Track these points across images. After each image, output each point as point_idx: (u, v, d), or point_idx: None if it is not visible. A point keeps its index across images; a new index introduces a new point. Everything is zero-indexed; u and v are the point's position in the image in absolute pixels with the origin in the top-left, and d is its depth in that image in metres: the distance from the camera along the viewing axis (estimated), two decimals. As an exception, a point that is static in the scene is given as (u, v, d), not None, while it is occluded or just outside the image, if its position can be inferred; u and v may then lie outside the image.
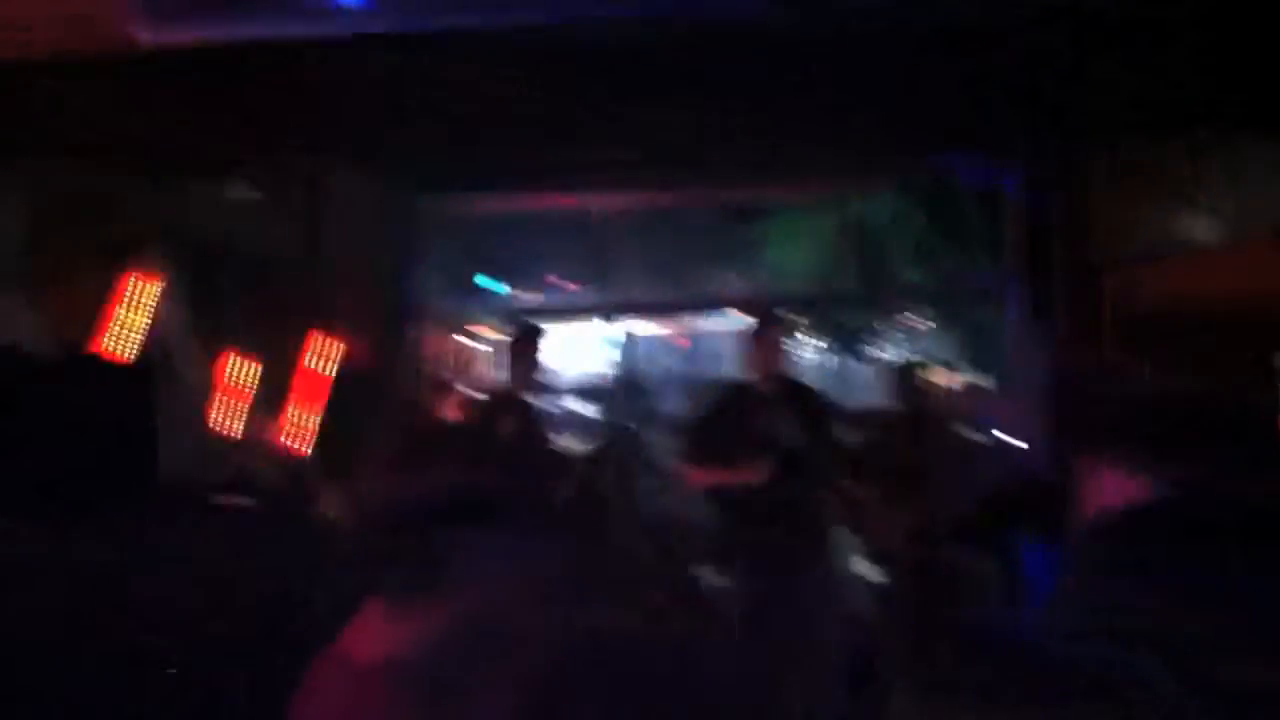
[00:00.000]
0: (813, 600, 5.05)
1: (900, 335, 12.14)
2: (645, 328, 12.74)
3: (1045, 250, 7.35)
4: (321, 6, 3.72)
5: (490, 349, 10.13)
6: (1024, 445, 6.66)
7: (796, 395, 5.32)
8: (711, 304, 12.34)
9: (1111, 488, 1.39)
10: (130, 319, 5.88)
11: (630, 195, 8.31)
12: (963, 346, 10.61)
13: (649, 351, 13.48)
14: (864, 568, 5.90)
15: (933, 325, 11.60)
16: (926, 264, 10.19)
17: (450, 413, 7.31)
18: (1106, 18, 5.12)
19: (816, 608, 5.05)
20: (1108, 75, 5.95)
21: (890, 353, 11.71)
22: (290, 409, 7.22)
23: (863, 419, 6.70)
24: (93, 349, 5.30)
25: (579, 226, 10.06)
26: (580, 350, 12.37)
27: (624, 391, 6.43)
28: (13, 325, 4.87)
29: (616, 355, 11.83)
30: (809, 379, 6.61)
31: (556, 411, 6.98)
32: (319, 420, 7.30)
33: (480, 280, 9.68)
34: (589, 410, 8.69)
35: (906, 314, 11.77)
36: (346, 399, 7.56)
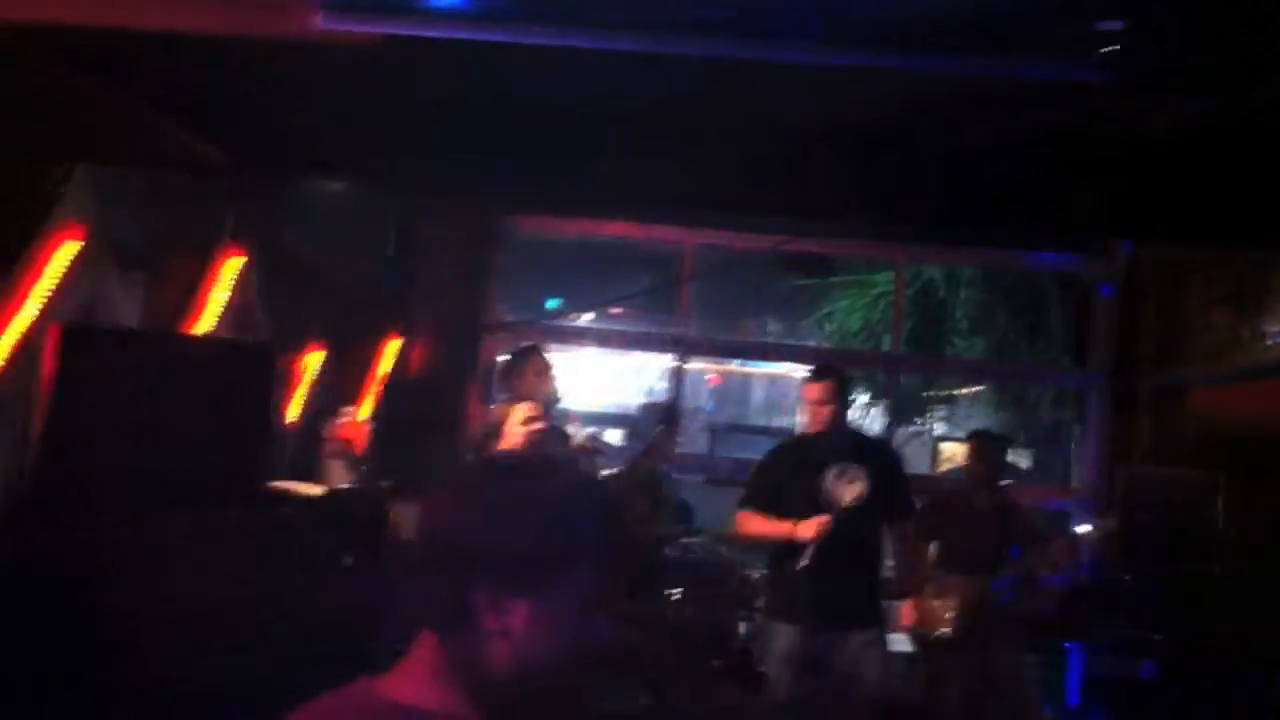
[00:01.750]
0: (859, 662, 5.01)
1: (955, 410, 12.13)
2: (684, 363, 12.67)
3: (1132, 360, 7.32)
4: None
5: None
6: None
7: (862, 452, 5.22)
8: (764, 350, 12.35)
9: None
10: (226, 303, 5.91)
11: (701, 233, 8.31)
12: (1023, 435, 10.58)
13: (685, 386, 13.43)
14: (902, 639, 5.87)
15: (992, 407, 11.57)
16: (992, 344, 10.23)
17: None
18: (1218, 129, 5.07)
19: (861, 671, 5.02)
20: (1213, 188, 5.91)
21: (943, 425, 11.70)
22: (359, 407, 7.26)
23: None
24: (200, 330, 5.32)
25: (645, 257, 10.07)
26: (617, 377, 12.36)
27: (655, 420, 6.36)
28: (131, 308, 4.89)
29: (655, 385, 11.82)
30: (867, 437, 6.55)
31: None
32: (384, 421, 7.33)
33: (550, 303, 9.70)
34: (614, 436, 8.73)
35: (964, 390, 11.75)
36: (411, 405, 7.62)
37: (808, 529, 4.92)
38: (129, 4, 3.70)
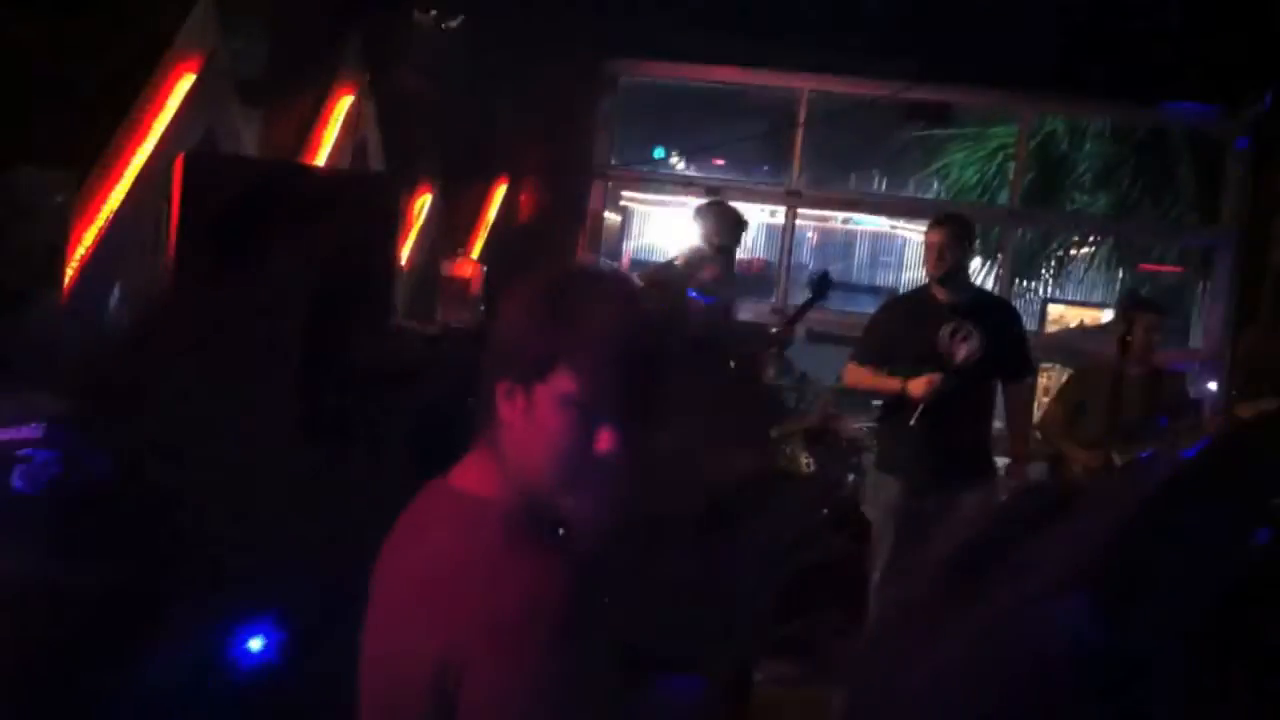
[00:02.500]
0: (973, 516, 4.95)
1: (1071, 271, 11.83)
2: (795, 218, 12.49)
3: (1266, 218, 7.01)
4: None
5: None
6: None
7: (980, 308, 5.08)
8: (878, 205, 12.08)
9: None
10: (338, 140, 5.91)
11: (815, 80, 8.05)
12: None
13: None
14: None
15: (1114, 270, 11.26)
16: (1115, 201, 9.89)
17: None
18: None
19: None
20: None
21: (1056, 288, 11.43)
22: (471, 251, 7.29)
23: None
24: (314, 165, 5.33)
25: (756, 105, 9.83)
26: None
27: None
28: (249, 141, 4.90)
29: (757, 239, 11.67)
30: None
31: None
32: (493, 266, 7.35)
33: (657, 152, 9.54)
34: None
35: (1083, 250, 11.43)
36: (519, 251, 7.62)
37: (918, 386, 4.85)
38: None
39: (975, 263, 11.33)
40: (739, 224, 5.60)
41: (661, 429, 1.54)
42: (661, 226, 13.53)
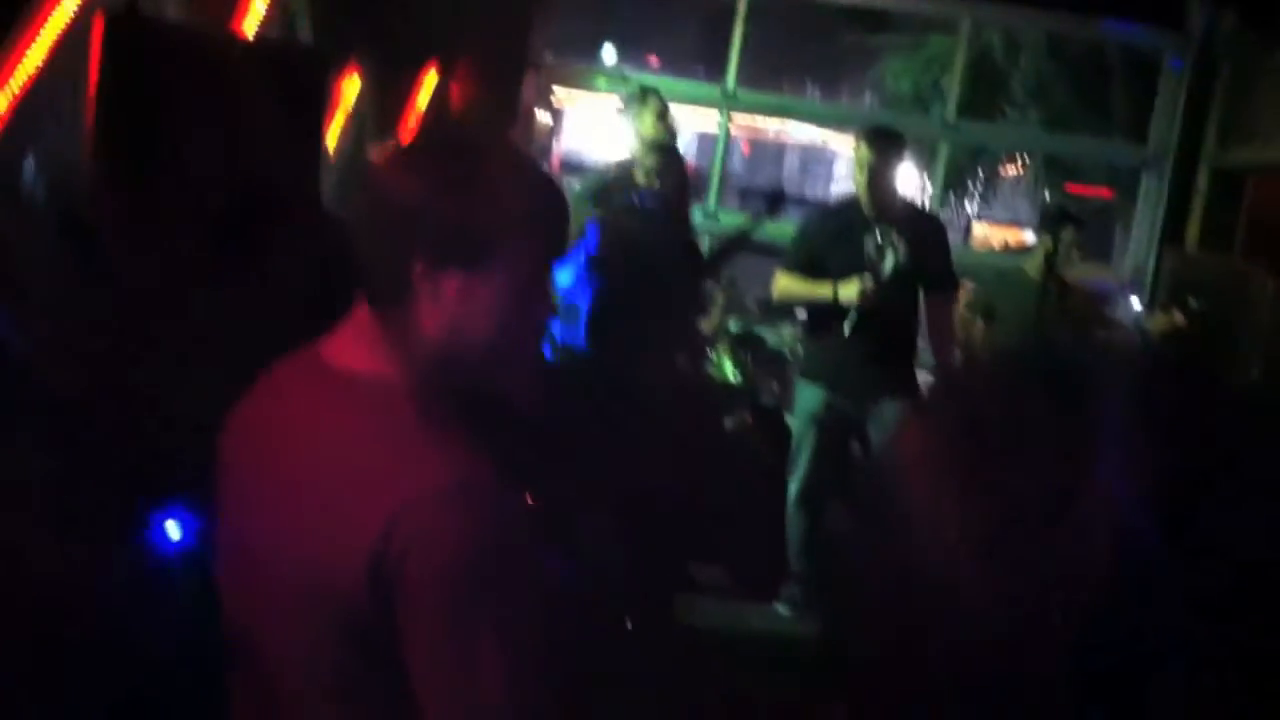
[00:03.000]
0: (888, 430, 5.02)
1: (998, 190, 11.90)
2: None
3: (1195, 141, 7.07)
4: None
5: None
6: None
7: (907, 219, 5.08)
8: (815, 113, 11.98)
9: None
10: (266, 11, 5.67)
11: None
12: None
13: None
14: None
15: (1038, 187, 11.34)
16: (1049, 118, 9.90)
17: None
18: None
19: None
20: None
21: (989, 204, 11.49)
22: (394, 140, 7.09)
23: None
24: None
25: (695, 9, 9.68)
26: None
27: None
28: (172, 5, 4.67)
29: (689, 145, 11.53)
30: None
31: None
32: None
33: (605, 48, 9.37)
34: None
35: (1009, 169, 11.50)
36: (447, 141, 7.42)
37: (849, 290, 4.86)
38: None
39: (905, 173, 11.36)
40: (668, 114, 5.53)
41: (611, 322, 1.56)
42: (591, 127, 13.36)
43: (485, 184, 1.46)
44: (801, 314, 5.78)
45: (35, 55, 4.12)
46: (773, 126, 16.05)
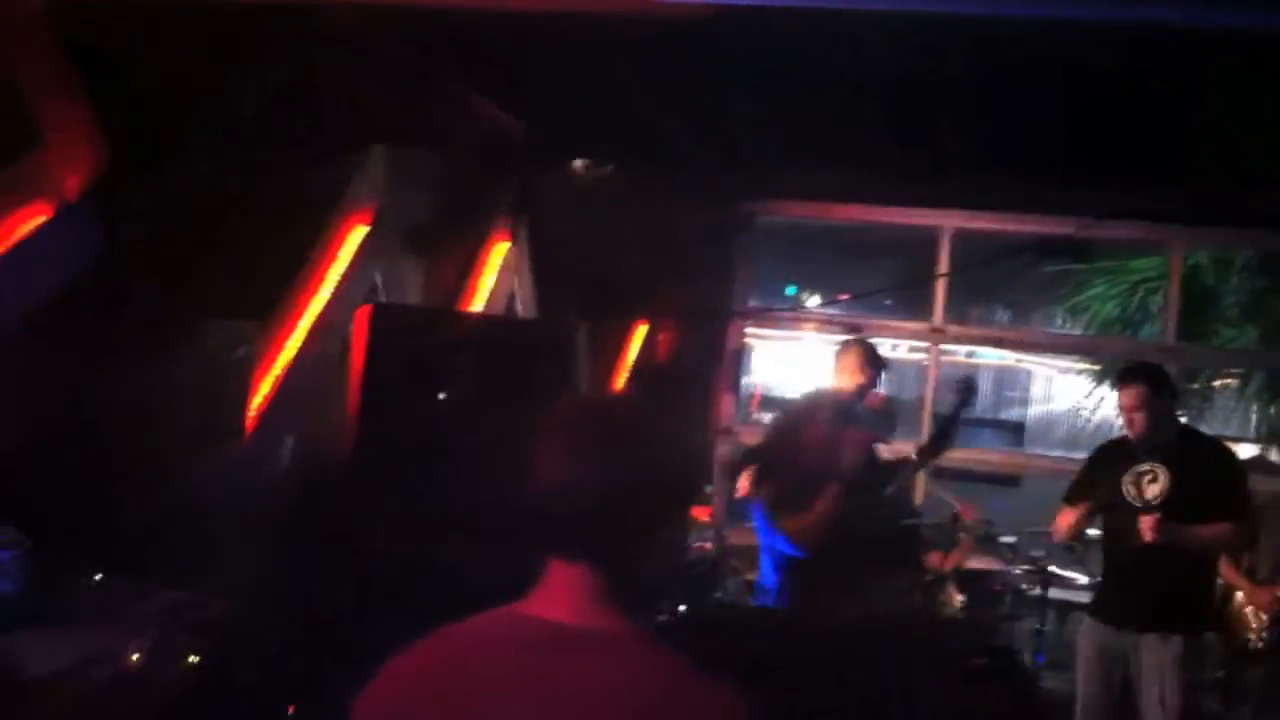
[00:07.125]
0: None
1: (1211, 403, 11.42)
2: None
3: None
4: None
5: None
6: None
7: (1177, 451, 4.92)
8: (1024, 341, 11.83)
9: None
10: (493, 286, 6.00)
11: (958, 217, 7.95)
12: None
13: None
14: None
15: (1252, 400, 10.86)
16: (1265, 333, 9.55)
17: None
18: None
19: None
20: None
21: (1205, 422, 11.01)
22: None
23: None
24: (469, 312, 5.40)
25: (893, 243, 9.79)
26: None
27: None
28: (413, 290, 4.99)
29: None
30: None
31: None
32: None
33: (789, 289, 9.56)
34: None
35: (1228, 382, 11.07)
36: (659, 391, 7.60)
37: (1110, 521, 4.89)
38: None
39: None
40: (880, 362, 5.57)
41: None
42: (782, 364, 13.50)
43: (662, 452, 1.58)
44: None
45: (294, 342, 4.42)
46: (964, 350, 15.92)
